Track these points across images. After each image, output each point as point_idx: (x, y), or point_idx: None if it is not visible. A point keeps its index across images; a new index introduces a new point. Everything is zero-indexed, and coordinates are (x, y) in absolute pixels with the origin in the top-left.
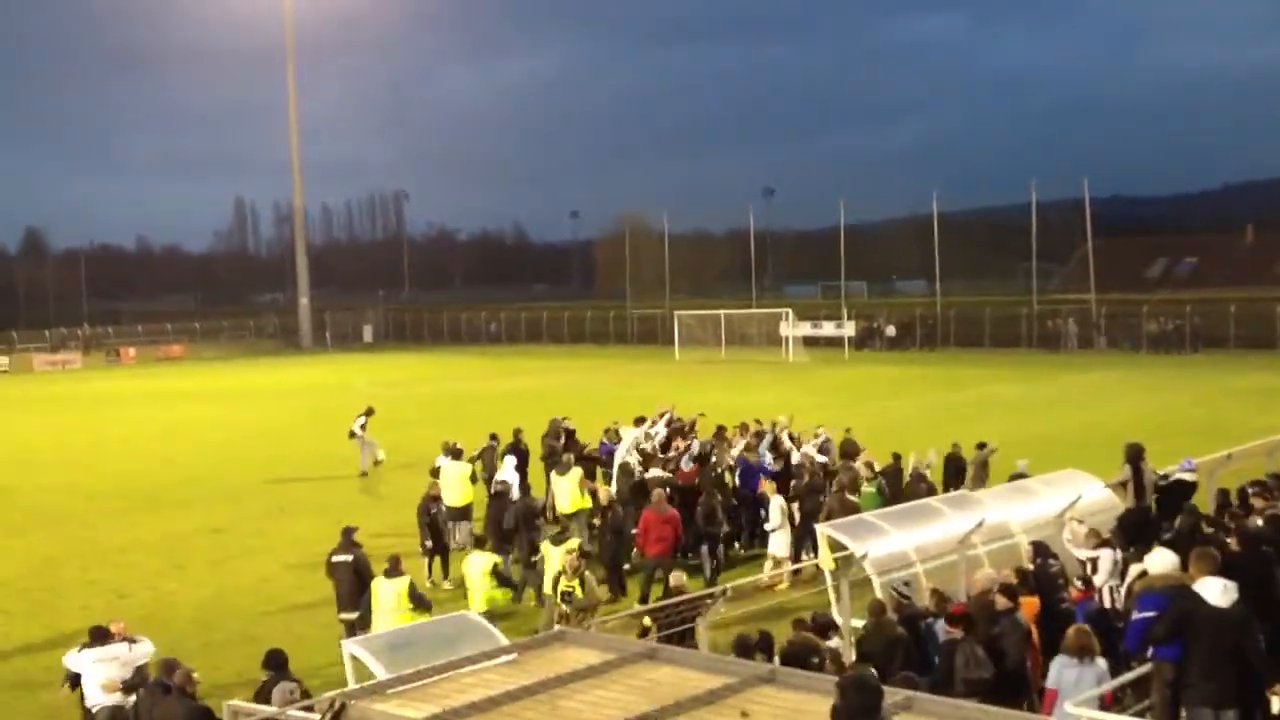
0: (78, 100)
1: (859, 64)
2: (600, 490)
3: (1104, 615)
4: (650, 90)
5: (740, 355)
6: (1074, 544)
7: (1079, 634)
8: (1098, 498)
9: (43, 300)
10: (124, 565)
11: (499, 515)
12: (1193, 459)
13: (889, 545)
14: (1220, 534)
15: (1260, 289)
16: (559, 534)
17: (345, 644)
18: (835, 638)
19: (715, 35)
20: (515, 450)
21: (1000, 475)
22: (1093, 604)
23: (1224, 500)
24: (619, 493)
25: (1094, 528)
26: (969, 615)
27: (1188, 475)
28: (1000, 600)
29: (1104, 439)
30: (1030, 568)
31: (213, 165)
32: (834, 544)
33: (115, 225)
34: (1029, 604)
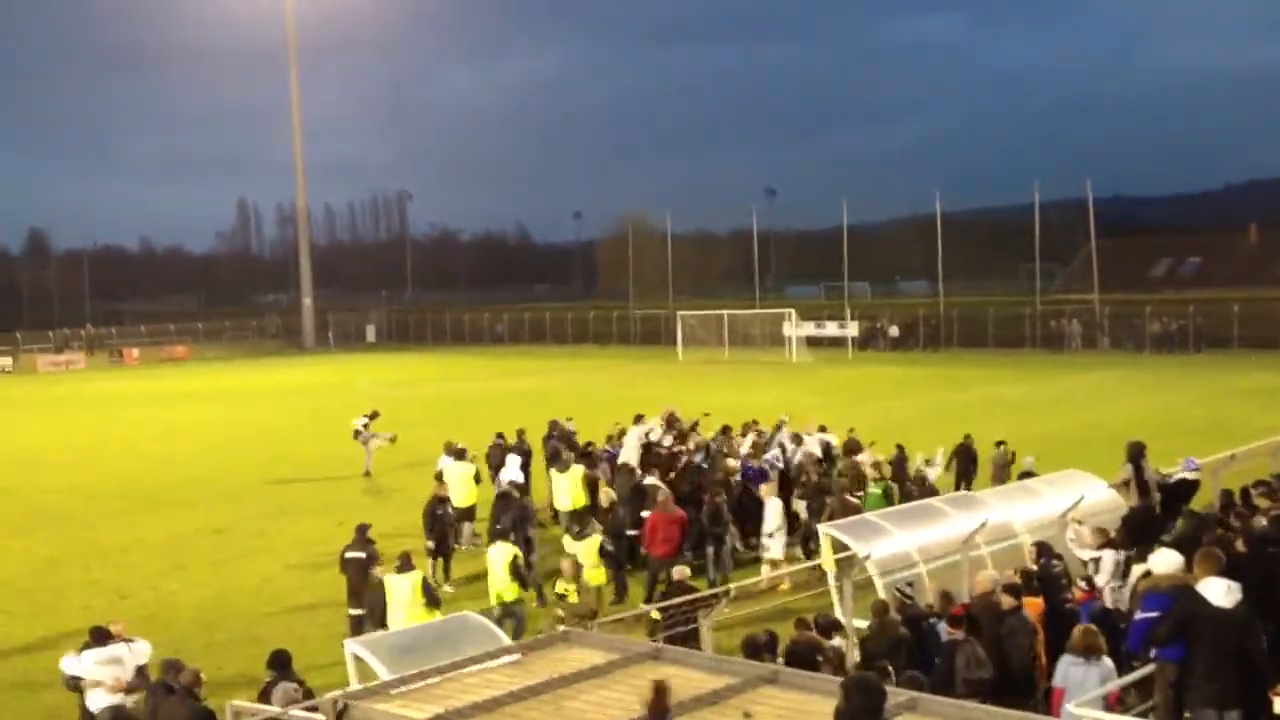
0: (79, 101)
1: (859, 64)
2: (602, 493)
3: (1107, 616)
4: (651, 90)
5: (743, 355)
6: (1077, 544)
7: (1085, 633)
8: (1101, 498)
9: (46, 301)
10: (126, 565)
11: (499, 516)
12: (1195, 459)
13: (892, 546)
14: (1225, 533)
15: (1264, 289)
16: (580, 530)
17: (348, 644)
18: (839, 638)
19: (715, 35)
20: (519, 450)
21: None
22: (1096, 604)
23: (1228, 500)
24: (619, 493)
25: (1100, 527)
26: (970, 616)
27: (1191, 475)
28: (1006, 600)
29: (1106, 439)
30: (1034, 568)
31: (214, 166)
32: (837, 544)
33: (118, 226)
34: (1033, 604)
